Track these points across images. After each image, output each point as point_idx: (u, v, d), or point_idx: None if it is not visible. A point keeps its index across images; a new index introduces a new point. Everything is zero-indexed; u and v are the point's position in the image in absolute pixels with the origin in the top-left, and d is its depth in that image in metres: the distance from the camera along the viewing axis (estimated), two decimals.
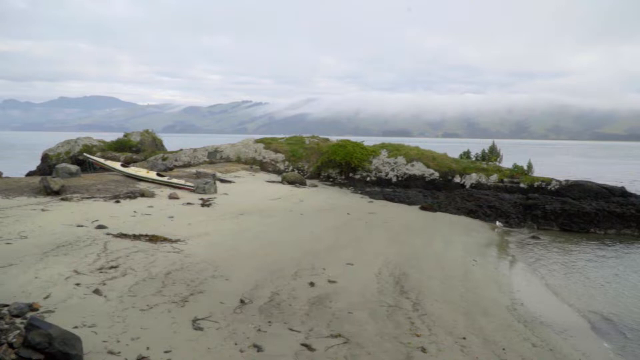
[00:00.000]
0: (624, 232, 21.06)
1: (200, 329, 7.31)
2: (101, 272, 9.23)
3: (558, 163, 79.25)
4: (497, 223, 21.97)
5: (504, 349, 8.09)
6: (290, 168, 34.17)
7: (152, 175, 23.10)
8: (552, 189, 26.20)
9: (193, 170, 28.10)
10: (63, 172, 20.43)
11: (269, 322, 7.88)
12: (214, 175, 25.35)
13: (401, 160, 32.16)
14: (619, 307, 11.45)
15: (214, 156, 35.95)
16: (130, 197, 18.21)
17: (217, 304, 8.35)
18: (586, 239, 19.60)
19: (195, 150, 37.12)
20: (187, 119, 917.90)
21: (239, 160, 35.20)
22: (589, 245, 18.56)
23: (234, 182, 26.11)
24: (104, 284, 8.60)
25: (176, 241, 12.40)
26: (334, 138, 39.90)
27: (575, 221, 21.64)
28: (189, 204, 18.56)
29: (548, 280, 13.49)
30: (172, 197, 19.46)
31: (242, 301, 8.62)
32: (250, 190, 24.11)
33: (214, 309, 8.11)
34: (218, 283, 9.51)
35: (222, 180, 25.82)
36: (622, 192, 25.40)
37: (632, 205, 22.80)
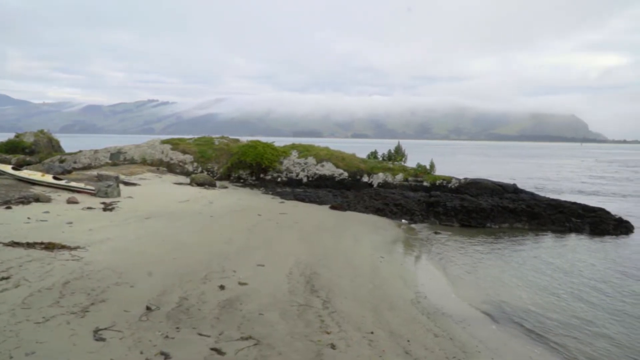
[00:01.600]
0: (516, 225, 22.77)
1: (103, 339, 6.95)
2: None
3: (458, 162, 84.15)
4: (403, 220, 22.96)
5: (408, 341, 8.48)
6: (199, 169, 33.41)
7: (48, 178, 21.60)
8: (453, 186, 27.77)
9: (94, 172, 26.64)
10: None
11: (177, 328, 7.67)
12: (117, 178, 24.18)
13: (311, 160, 32.56)
14: (511, 295, 12.40)
15: (117, 158, 34.27)
16: (23, 203, 16.90)
17: (121, 313, 7.99)
18: (483, 233, 20.99)
19: (96, 151, 35.19)
20: (87, 119, 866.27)
21: (144, 162, 33.83)
22: (485, 239, 19.89)
23: (139, 185, 25.07)
24: None
25: (75, 248, 11.69)
26: (244, 139, 39.54)
27: (473, 217, 23.09)
28: (89, 208, 17.57)
29: (449, 273, 14.31)
30: (70, 201, 18.31)
31: (148, 308, 8.31)
32: (157, 193, 23.27)
33: (118, 318, 7.75)
34: (122, 290, 9.09)
35: (126, 183, 24.70)
36: (514, 189, 27.51)
37: (522, 201, 24.78)
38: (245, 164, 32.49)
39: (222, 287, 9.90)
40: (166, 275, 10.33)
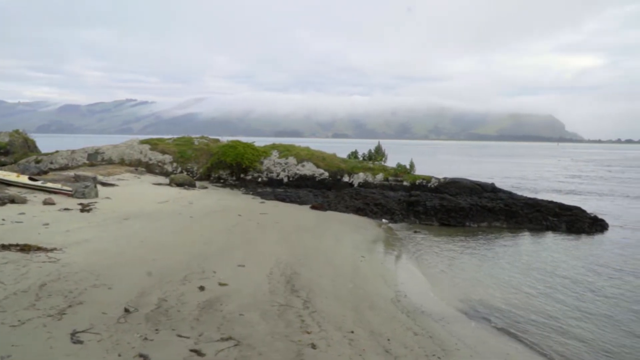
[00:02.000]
0: (494, 224, 23.08)
1: (80, 342, 6.86)
2: None
3: (438, 162, 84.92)
4: (383, 220, 23.11)
5: (389, 340, 8.54)
6: (179, 170, 33.12)
7: (24, 179, 21.20)
8: (432, 186, 28.02)
9: (71, 173, 26.22)
10: None
11: (156, 329, 7.61)
12: (94, 179, 23.85)
13: (292, 160, 32.53)
14: (488, 293, 12.58)
15: (94, 158, 33.78)
16: None
17: (98, 315, 7.89)
18: (462, 232, 21.23)
19: (73, 152, 34.64)
20: (64, 118, 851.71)
21: (122, 162, 33.41)
22: (464, 238, 20.11)
23: (117, 186, 24.76)
24: None
25: (52, 250, 11.50)
26: (224, 139, 39.32)
27: (452, 216, 23.34)
28: (66, 209, 17.29)
29: (428, 272, 14.45)
30: (47, 202, 18.00)
31: (126, 310, 8.22)
32: (136, 194, 23.02)
33: (96, 320, 7.65)
34: (100, 292, 8.98)
35: (104, 184, 24.38)
36: (492, 188, 27.88)
37: (500, 200, 25.14)
38: (226, 164, 32.33)
39: (202, 288, 9.84)
40: (145, 276, 10.23)
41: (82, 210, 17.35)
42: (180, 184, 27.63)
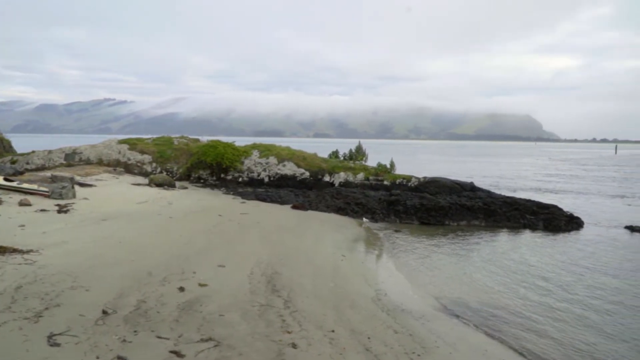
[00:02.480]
0: (473, 223, 23.34)
1: (57, 344, 6.77)
2: None
3: (418, 161, 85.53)
4: (364, 219, 23.21)
5: (369, 338, 8.58)
6: (158, 170, 32.82)
7: None
8: (412, 185, 28.23)
9: (48, 174, 25.78)
10: None
11: (135, 331, 7.54)
12: (72, 179, 23.49)
13: (273, 160, 32.47)
14: (467, 291, 12.73)
15: (72, 158, 33.27)
16: None
17: (76, 317, 7.79)
18: (441, 231, 21.42)
19: (50, 152, 34.07)
20: (41, 118, 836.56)
21: (100, 163, 32.97)
22: (444, 236, 20.31)
23: (95, 186, 24.43)
24: None
25: (28, 252, 11.31)
26: (204, 138, 39.08)
27: (432, 215, 23.53)
28: (43, 210, 17.01)
29: (409, 271, 14.56)
30: (23, 203, 17.69)
31: (104, 312, 8.13)
32: (114, 194, 22.74)
33: (73, 323, 7.55)
34: (77, 294, 8.86)
35: (82, 184, 24.03)
36: (471, 187, 28.19)
37: (479, 198, 25.44)
38: (206, 164, 32.13)
39: (181, 289, 9.78)
40: (124, 277, 10.12)
41: (59, 212, 17.10)
42: (159, 184, 27.38)
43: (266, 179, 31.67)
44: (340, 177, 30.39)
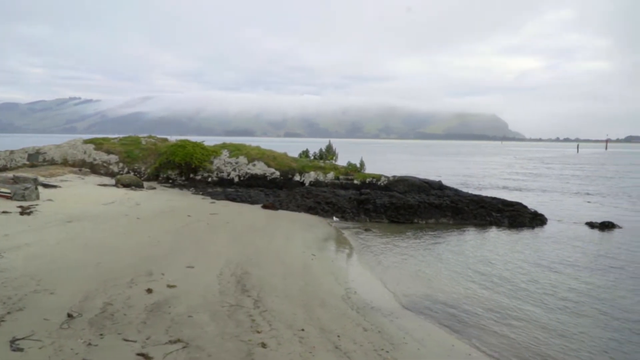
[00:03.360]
0: (441, 220, 23.71)
1: (20, 349, 6.62)
2: None
3: (388, 160, 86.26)
4: (334, 218, 23.32)
5: (338, 336, 8.65)
6: (126, 170, 32.21)
7: None
8: (382, 184, 28.48)
9: (10, 174, 25.00)
10: None
11: (101, 334, 7.42)
12: (35, 180, 22.82)
13: (243, 160, 32.28)
14: (435, 287, 12.95)
15: (35, 159, 32.36)
16: None
17: (40, 321, 7.62)
18: (410, 229, 21.70)
19: (12, 152, 33.07)
20: (3, 117, 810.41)
21: (65, 163, 32.17)
22: (412, 234, 20.58)
23: (60, 187, 23.85)
24: None
25: None
26: (173, 138, 38.57)
27: (401, 213, 23.81)
28: (5, 212, 16.52)
29: (378, 269, 14.72)
30: None
31: (69, 315, 7.98)
32: (80, 195, 22.24)
33: (37, 327, 7.39)
34: (41, 298, 8.67)
35: (46, 185, 23.42)
36: (439, 186, 28.62)
37: (447, 197, 25.87)
38: (174, 164, 31.71)
39: (149, 291, 9.66)
40: (89, 280, 9.94)
41: (22, 213, 16.63)
42: (127, 185, 26.90)
43: (236, 179, 31.47)
44: (310, 176, 30.43)
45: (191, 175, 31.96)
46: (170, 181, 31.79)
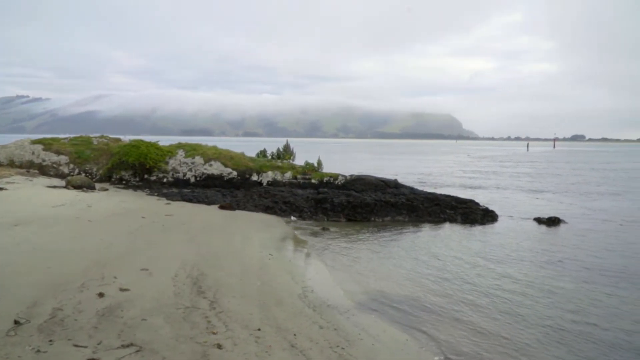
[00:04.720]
0: (397, 218, 24.12)
1: None
2: None
3: (345, 159, 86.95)
4: (292, 217, 23.37)
5: (295, 335, 8.73)
6: (76, 171, 31.27)
7: None
8: (339, 183, 28.73)
9: None
10: None
11: (51, 340, 7.24)
12: None
13: (199, 160, 31.88)
14: (390, 284, 13.19)
15: None
16: None
17: None
18: (367, 227, 21.99)
19: None
20: None
21: (12, 164, 30.97)
22: (369, 232, 20.86)
23: (6, 189, 22.94)
24: None
25: None
26: (127, 138, 37.69)
27: (358, 212, 24.09)
28: None
29: (335, 267, 14.87)
30: None
31: (16, 322, 7.74)
32: (27, 198, 21.45)
33: None
34: None
35: None
36: (395, 184, 29.10)
37: (403, 195, 26.35)
38: (128, 165, 31.01)
39: (101, 295, 9.47)
40: (38, 285, 9.65)
41: None
42: (77, 186, 26.12)
43: (192, 179, 31.06)
44: (268, 176, 30.37)
45: (146, 176, 31.34)
46: (124, 182, 31.07)
